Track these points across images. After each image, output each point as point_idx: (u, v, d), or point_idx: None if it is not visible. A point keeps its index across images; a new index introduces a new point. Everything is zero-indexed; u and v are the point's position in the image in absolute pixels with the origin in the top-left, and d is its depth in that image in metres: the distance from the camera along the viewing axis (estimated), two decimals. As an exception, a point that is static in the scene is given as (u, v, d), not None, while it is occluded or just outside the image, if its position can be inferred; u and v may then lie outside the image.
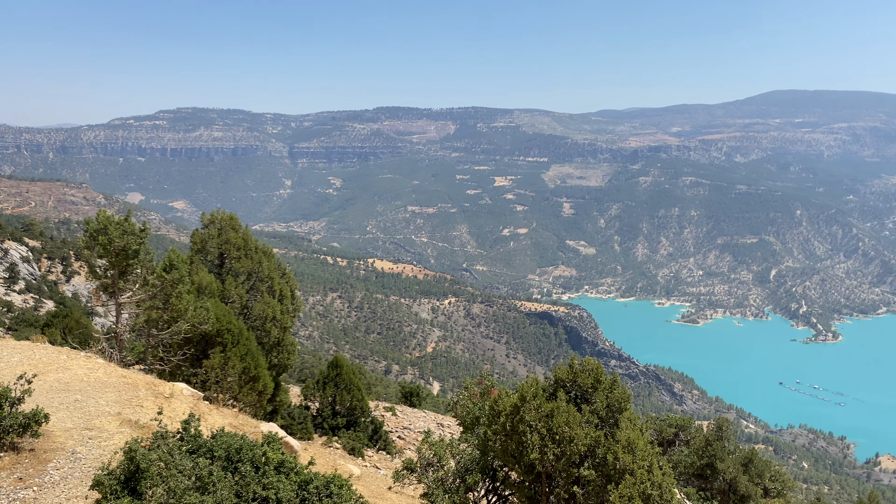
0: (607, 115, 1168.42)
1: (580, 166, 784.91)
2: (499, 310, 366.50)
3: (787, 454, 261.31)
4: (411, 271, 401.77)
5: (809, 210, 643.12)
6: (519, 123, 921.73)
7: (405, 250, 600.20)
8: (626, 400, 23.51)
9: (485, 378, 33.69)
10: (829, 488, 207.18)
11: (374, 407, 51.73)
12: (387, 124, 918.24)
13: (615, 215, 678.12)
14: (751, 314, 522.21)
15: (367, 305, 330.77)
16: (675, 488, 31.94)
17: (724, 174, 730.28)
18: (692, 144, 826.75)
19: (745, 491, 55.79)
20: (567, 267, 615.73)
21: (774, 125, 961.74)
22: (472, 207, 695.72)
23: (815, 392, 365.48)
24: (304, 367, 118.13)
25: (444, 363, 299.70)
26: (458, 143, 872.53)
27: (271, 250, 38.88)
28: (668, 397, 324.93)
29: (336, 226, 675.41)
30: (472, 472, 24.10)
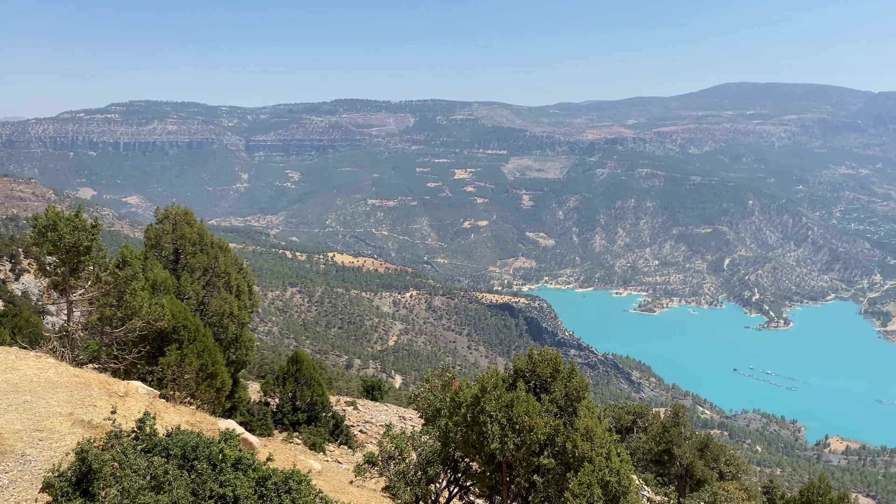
0: (565, 108, 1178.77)
1: (539, 159, 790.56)
2: (460, 302, 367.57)
3: (742, 438, 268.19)
4: (372, 265, 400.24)
5: (761, 200, 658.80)
6: (478, 116, 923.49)
7: (366, 244, 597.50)
8: (584, 388, 23.85)
9: (446, 370, 33.81)
10: (782, 470, 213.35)
11: (335, 402, 51.48)
12: (345, 117, 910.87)
13: (573, 207, 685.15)
14: (705, 302, 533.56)
15: (328, 300, 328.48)
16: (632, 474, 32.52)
17: (679, 166, 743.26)
18: (648, 137, 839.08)
19: (702, 475, 57.09)
20: (527, 258, 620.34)
21: (727, 117, 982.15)
22: (432, 200, 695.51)
23: (767, 377, 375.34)
24: (263, 363, 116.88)
25: (406, 356, 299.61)
26: (418, 135, 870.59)
27: (228, 245, 38.30)
28: (627, 385, 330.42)
29: (295, 220, 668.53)
30: (434, 463, 24.19)
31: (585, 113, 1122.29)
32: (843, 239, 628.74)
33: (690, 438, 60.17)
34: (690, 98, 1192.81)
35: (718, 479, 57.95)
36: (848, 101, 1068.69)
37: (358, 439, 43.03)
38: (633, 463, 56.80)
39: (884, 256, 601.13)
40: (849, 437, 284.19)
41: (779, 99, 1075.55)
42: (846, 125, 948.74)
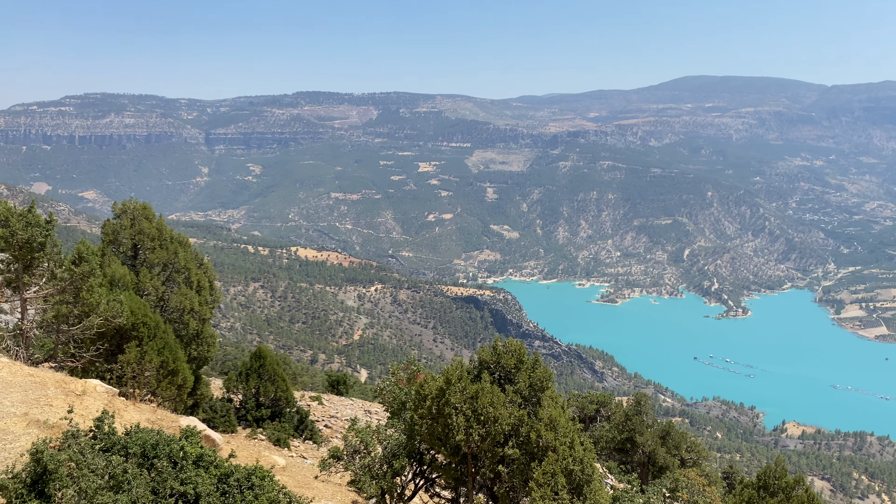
0: (527, 101, 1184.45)
1: (502, 151, 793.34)
2: (425, 295, 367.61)
3: (702, 425, 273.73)
4: (336, 259, 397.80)
5: (720, 191, 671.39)
6: (442, 109, 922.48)
7: (329, 238, 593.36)
8: (547, 379, 24.09)
9: (411, 363, 33.83)
10: (741, 456, 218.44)
11: (299, 397, 51.13)
12: (307, 109, 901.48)
13: (537, 199, 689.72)
14: (666, 292, 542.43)
15: (291, 295, 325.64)
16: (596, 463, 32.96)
17: (640, 158, 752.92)
18: (609, 129, 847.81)
19: (664, 462, 58.16)
20: (492, 251, 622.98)
21: (686, 110, 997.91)
22: (396, 193, 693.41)
23: (727, 365, 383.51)
24: (226, 360, 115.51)
25: (372, 350, 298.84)
26: (381, 128, 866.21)
27: (188, 240, 37.71)
28: (590, 375, 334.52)
29: (256, 214, 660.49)
30: (399, 456, 24.22)
31: (548, 106, 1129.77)
32: (799, 229, 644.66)
33: (652, 426, 61.23)
34: (651, 91, 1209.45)
35: (680, 466, 59.10)
36: (803, 94, 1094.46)
37: (323, 434, 42.84)
38: (597, 451, 57.61)
39: (837, 246, 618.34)
40: (805, 422, 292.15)
41: (736, 92, 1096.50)
42: (801, 118, 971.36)
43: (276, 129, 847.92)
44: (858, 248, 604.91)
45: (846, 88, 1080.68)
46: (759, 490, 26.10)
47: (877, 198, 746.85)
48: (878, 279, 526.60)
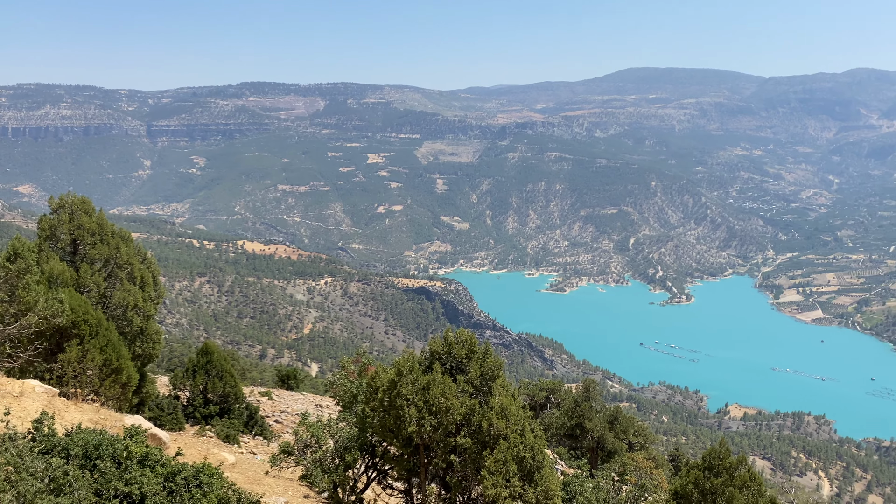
0: (475, 93, 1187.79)
1: (451, 143, 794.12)
2: (376, 287, 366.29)
3: (649, 410, 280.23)
4: (284, 252, 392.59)
5: (663, 181, 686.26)
6: (390, 100, 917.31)
7: (277, 231, 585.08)
8: (498, 368, 24.30)
9: (362, 356, 33.70)
10: (686, 438, 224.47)
11: (248, 392, 50.44)
12: (252, 100, 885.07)
13: (486, 190, 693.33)
14: (612, 280, 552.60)
15: (239, 289, 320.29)
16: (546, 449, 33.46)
17: (586, 149, 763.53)
18: (556, 121, 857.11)
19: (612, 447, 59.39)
20: (442, 242, 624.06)
21: (630, 101, 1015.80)
22: (345, 185, 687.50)
23: (671, 350, 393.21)
24: (173, 356, 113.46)
25: (323, 344, 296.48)
26: (329, 119, 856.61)
27: (130, 235, 36.68)
28: (540, 363, 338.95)
29: (201, 207, 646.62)
30: (351, 449, 24.13)
31: (496, 97, 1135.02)
32: (739, 217, 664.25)
33: (601, 412, 62.45)
34: (596, 83, 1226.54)
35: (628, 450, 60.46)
36: (742, 85, 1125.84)
37: (274, 429, 42.38)
38: (548, 438, 58.48)
39: (775, 233, 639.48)
40: (746, 404, 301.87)
41: (678, 84, 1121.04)
42: (740, 108, 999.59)
43: (221, 121, 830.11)
44: (795, 235, 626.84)
45: (783, 80, 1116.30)
46: (705, 471, 26.87)
47: (812, 186, 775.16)
48: (814, 265, 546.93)
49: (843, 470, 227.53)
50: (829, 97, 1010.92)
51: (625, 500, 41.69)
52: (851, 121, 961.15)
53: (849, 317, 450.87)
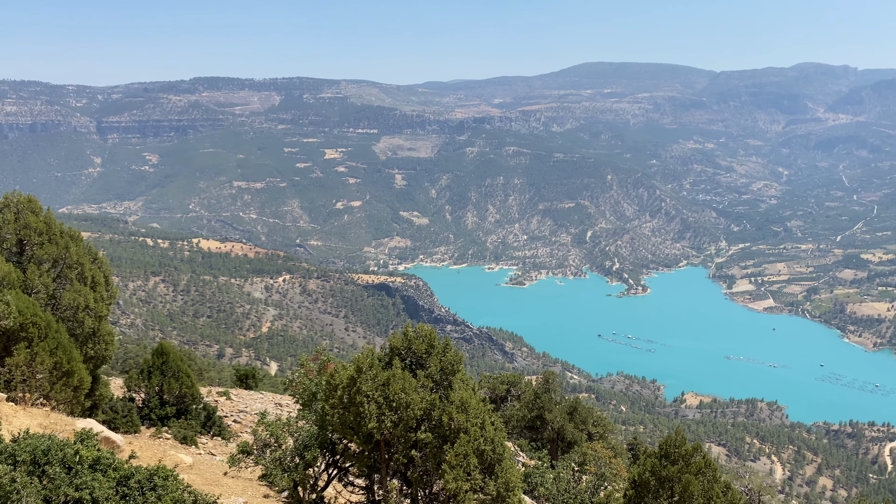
0: (433, 87, 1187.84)
1: (410, 138, 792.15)
2: (336, 284, 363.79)
3: (608, 400, 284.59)
4: (241, 250, 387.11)
5: (619, 175, 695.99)
6: (347, 94, 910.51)
7: (233, 228, 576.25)
8: (458, 362, 24.38)
9: (320, 353, 33.46)
10: (645, 427, 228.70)
11: (206, 393, 49.64)
12: (206, 95, 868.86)
13: (445, 185, 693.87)
14: (571, 273, 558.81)
15: (195, 288, 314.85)
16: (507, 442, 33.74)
17: (543, 143, 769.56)
18: (513, 115, 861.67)
19: (572, 437, 60.11)
20: (402, 238, 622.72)
21: (586, 96, 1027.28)
22: (302, 181, 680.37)
23: (629, 341, 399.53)
24: (127, 358, 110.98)
25: (282, 342, 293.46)
26: (285, 114, 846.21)
27: (79, 234, 35.71)
28: (501, 356, 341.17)
29: (155, 205, 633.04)
30: (311, 448, 23.95)
31: (453, 92, 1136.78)
32: (693, 209, 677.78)
33: (560, 403, 63.15)
34: (552, 77, 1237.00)
35: (587, 440, 61.30)
36: (694, 79, 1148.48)
37: (232, 429, 41.83)
38: (508, 430, 58.92)
39: (728, 224, 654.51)
40: (702, 393, 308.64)
41: (633, 78, 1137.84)
42: (693, 102, 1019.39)
43: (174, 117, 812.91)
44: (747, 226, 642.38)
45: (734, 74, 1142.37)
46: (661, 459, 27.40)
47: (762, 178, 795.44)
48: (765, 255, 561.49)
49: (795, 454, 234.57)
50: (778, 91, 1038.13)
51: (585, 490, 42.28)
52: (799, 114, 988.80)
53: (799, 305, 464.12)
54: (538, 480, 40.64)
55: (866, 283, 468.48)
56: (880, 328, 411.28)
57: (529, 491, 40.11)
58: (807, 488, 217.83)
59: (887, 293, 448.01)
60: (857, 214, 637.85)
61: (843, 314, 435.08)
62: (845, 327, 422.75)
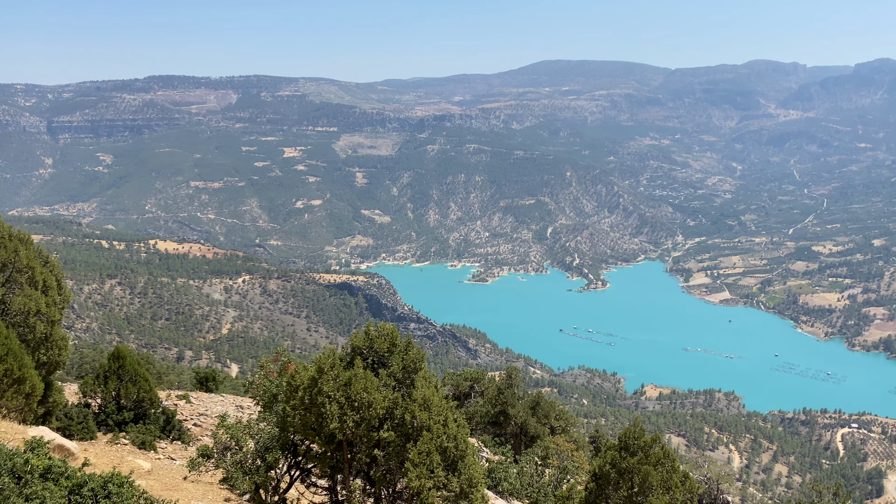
0: (393, 85, 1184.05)
1: (370, 136, 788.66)
2: (297, 284, 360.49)
3: (570, 393, 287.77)
4: (199, 251, 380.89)
5: (578, 171, 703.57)
6: (305, 92, 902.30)
7: (191, 229, 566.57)
8: (420, 360, 24.42)
9: (281, 354, 33.16)
10: (606, 420, 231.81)
11: (165, 396, 48.77)
12: (161, 94, 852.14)
13: (407, 183, 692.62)
14: (532, 269, 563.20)
15: (152, 290, 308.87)
16: (470, 438, 33.92)
17: (503, 141, 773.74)
18: (473, 113, 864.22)
19: (535, 432, 60.67)
20: (364, 236, 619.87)
21: (545, 93, 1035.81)
22: (261, 180, 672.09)
23: (589, 335, 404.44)
24: (83, 363, 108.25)
25: (242, 344, 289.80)
26: (242, 113, 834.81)
27: (30, 237, 34.74)
28: (464, 353, 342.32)
29: (110, 206, 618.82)
30: (273, 449, 23.73)
31: (413, 90, 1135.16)
32: (650, 204, 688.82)
33: (523, 398, 63.68)
34: (511, 75, 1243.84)
35: (550, 434, 61.93)
36: (650, 77, 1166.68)
37: (192, 433, 41.20)
38: (472, 426, 59.19)
39: (684, 219, 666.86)
40: (661, 384, 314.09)
41: (590, 76, 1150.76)
42: (649, 99, 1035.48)
43: (128, 116, 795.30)
44: (703, 221, 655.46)
45: (688, 72, 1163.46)
46: (621, 451, 27.83)
47: (717, 173, 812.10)
48: (721, 248, 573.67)
49: (752, 442, 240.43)
50: (731, 88, 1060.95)
51: (547, 483, 42.75)
52: (752, 110, 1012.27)
53: (753, 297, 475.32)
54: (502, 475, 40.92)
55: (817, 274, 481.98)
56: (831, 318, 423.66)
57: (493, 486, 40.36)
58: (763, 475, 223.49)
59: (837, 284, 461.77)
60: (808, 208, 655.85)
61: (796, 305, 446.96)
62: (798, 318, 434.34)
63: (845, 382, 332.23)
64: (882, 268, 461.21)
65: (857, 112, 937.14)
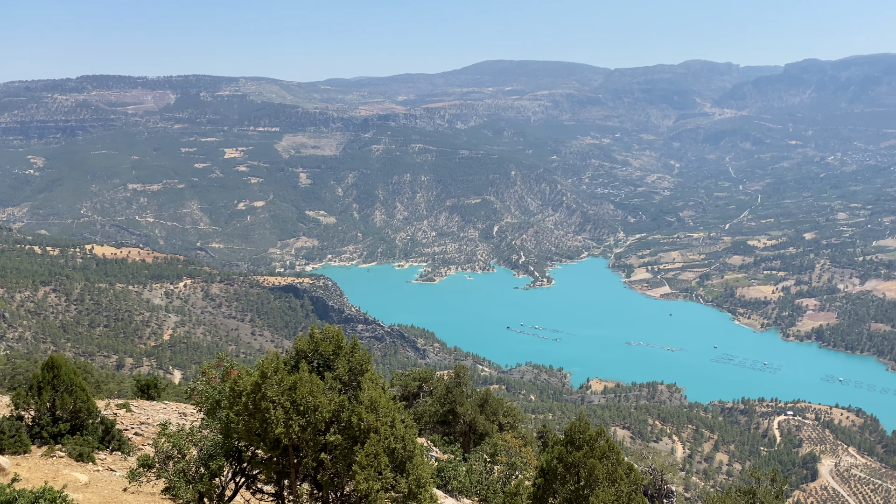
0: (336, 84, 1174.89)
1: (313, 136, 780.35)
2: (240, 287, 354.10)
3: (518, 390, 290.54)
4: (138, 255, 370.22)
5: (522, 170, 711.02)
6: (246, 92, 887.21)
7: (129, 233, 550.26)
8: (366, 362, 24.32)
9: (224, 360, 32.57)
10: (553, 415, 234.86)
11: (104, 406, 47.31)
12: (95, 94, 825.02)
13: (352, 183, 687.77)
14: (479, 268, 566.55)
15: (90, 297, 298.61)
16: (418, 438, 33.93)
17: (448, 140, 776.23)
18: (418, 113, 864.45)
19: (483, 429, 61.06)
20: (308, 238, 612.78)
21: (488, 93, 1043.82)
22: (202, 182, 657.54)
23: (536, 332, 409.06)
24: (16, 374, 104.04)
25: (185, 350, 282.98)
26: (181, 113, 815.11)
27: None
28: (413, 353, 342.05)
29: (42, 210, 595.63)
30: (217, 457, 23.30)
31: (357, 89, 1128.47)
32: (592, 202, 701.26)
33: (472, 396, 64.02)
34: (455, 75, 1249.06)
35: (499, 431, 62.44)
36: (590, 77, 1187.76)
37: (133, 443, 40.06)
38: (421, 426, 59.23)
39: (625, 216, 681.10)
40: (606, 378, 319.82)
41: (532, 76, 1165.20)
42: (590, 99, 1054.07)
43: (60, 117, 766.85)
44: (643, 217, 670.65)
45: (627, 72, 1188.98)
46: (567, 445, 28.27)
47: (656, 171, 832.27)
48: (661, 244, 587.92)
49: (694, 432, 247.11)
50: (668, 87, 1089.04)
51: (496, 480, 43.11)
52: (688, 109, 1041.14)
53: (692, 291, 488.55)
54: (451, 474, 41.08)
55: (753, 267, 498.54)
56: (766, 310, 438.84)
57: (443, 485, 40.49)
58: (705, 464, 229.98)
59: (772, 277, 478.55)
60: (743, 203, 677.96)
61: (733, 298, 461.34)
62: (735, 310, 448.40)
63: (781, 372, 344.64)
64: (813, 260, 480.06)
65: (788, 110, 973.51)
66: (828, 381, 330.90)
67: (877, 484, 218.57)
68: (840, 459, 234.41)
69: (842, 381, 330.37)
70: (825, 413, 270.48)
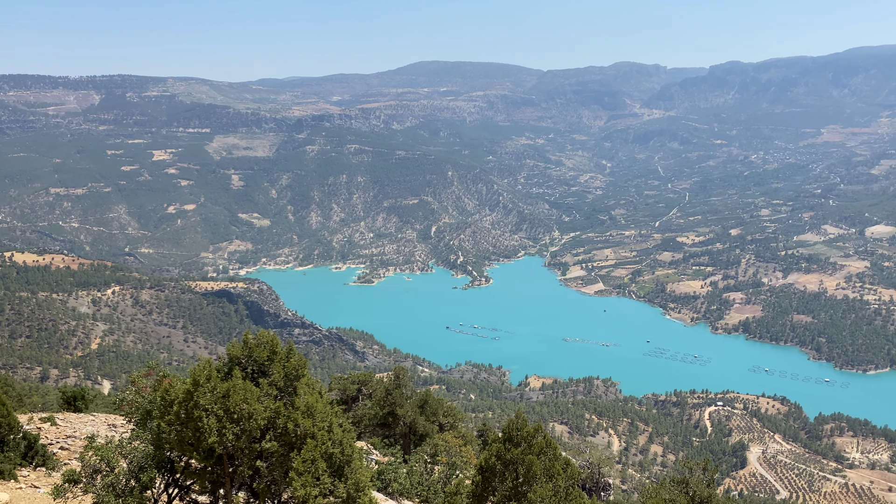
0: (268, 84, 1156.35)
1: (245, 136, 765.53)
2: (171, 293, 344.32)
3: (458, 390, 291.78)
4: (62, 262, 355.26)
5: (459, 171, 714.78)
6: (175, 92, 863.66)
7: (52, 239, 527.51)
8: (302, 367, 24.04)
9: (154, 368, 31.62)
10: (493, 413, 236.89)
11: (27, 420, 45.28)
12: (12, 95, 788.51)
13: (286, 185, 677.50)
14: (418, 269, 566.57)
15: (10, 306, 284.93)
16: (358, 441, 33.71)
17: (385, 141, 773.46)
18: (353, 113, 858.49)
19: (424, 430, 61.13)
20: (242, 241, 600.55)
21: (424, 94, 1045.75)
22: (129, 185, 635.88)
23: (475, 331, 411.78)
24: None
25: (115, 359, 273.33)
26: (106, 114, 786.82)
27: None
28: (352, 356, 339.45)
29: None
30: (147, 468, 22.60)
31: (290, 89, 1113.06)
32: (528, 202, 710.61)
33: (412, 397, 63.98)
34: (389, 76, 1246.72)
35: (439, 431, 62.59)
36: (524, 78, 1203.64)
37: (59, 457, 38.48)
38: (361, 429, 58.85)
39: (560, 215, 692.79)
40: (544, 375, 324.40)
41: (467, 77, 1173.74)
42: (524, 100, 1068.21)
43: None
44: (577, 216, 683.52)
45: (559, 73, 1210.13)
46: (505, 443, 28.59)
47: (588, 170, 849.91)
48: (594, 242, 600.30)
49: (629, 425, 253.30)
50: (599, 89, 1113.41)
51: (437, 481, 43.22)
52: (619, 110, 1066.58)
53: (625, 287, 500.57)
54: (392, 476, 40.97)
55: (682, 263, 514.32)
56: (696, 304, 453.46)
57: (383, 488, 40.33)
58: (641, 456, 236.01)
59: (700, 272, 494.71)
60: (672, 201, 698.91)
61: (664, 293, 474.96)
62: (666, 305, 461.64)
63: (710, 364, 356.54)
64: (739, 255, 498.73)
65: (713, 111, 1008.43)
66: (754, 372, 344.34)
67: (801, 469, 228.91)
68: (767, 447, 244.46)
69: (767, 372, 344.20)
70: (752, 402, 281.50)
